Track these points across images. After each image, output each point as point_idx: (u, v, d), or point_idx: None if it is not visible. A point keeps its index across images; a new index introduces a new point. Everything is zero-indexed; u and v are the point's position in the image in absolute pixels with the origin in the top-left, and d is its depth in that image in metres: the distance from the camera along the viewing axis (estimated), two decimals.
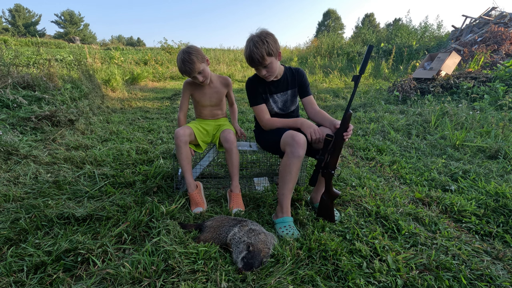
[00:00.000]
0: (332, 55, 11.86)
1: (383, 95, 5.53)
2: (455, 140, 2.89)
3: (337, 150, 1.47)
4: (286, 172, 1.48)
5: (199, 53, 1.71)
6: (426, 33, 11.79)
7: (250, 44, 1.50)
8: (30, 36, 25.14)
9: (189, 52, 1.69)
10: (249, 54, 1.51)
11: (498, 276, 1.20)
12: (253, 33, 1.54)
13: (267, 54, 1.50)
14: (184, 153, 1.70)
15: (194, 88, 1.89)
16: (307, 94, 1.76)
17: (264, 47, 1.48)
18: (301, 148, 1.43)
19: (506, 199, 1.77)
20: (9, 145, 2.35)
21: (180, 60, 1.69)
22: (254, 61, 1.52)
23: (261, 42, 1.48)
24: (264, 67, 1.56)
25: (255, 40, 1.49)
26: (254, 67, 1.59)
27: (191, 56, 1.67)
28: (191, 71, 1.70)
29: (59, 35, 51.71)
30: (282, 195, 1.53)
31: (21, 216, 1.48)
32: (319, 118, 1.66)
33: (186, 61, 1.67)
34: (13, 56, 5.31)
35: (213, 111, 1.97)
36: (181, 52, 1.71)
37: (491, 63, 5.93)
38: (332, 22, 42.17)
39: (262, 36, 1.50)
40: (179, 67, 1.72)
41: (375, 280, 1.17)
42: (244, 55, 1.58)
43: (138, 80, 7.90)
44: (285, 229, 1.45)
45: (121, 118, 3.91)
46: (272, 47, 1.51)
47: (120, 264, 1.18)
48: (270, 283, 1.10)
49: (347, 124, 1.43)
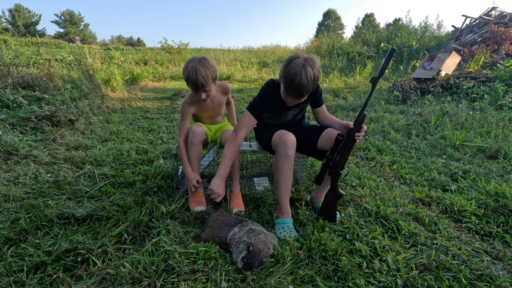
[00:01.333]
0: (332, 55, 11.87)
1: (383, 95, 5.53)
2: (455, 140, 2.89)
3: (347, 150, 1.46)
4: (278, 172, 1.49)
5: (214, 71, 1.56)
6: (426, 33, 11.80)
7: (309, 70, 1.29)
8: (30, 36, 25.15)
9: (206, 66, 1.51)
10: (303, 84, 1.30)
11: (498, 276, 1.20)
12: (301, 55, 1.33)
13: (314, 87, 1.38)
14: (198, 151, 1.67)
15: (194, 107, 1.75)
16: (320, 104, 1.65)
17: (313, 85, 1.35)
18: (290, 147, 1.43)
19: (506, 199, 1.77)
20: (9, 145, 2.35)
21: (193, 71, 1.48)
22: (302, 94, 1.36)
23: (316, 69, 1.32)
24: (297, 101, 1.46)
25: (310, 76, 1.30)
26: (293, 96, 1.40)
27: (207, 72, 1.50)
28: (199, 87, 1.53)
29: (59, 35, 51.72)
30: (279, 196, 1.53)
31: (21, 216, 1.48)
32: (328, 121, 1.64)
33: (200, 76, 1.48)
34: (13, 56, 5.32)
35: (213, 119, 1.92)
36: (196, 62, 1.50)
37: (491, 63, 5.93)
38: (332, 22, 42.16)
39: (316, 69, 1.32)
40: (189, 76, 1.50)
41: (375, 280, 1.17)
42: (293, 83, 1.32)
43: (138, 80, 7.90)
44: (283, 231, 1.46)
45: (121, 118, 3.91)
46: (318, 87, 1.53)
47: (120, 264, 1.18)
48: (270, 283, 1.10)
49: (360, 125, 1.43)
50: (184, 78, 1.56)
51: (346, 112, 4.65)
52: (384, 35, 12.93)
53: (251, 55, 14.44)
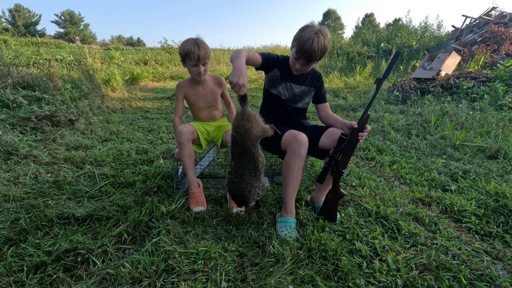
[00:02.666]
0: (332, 55, 11.86)
1: (383, 95, 5.53)
2: (455, 140, 2.89)
3: (350, 149, 1.47)
4: (288, 172, 1.48)
5: (210, 50, 1.74)
6: (426, 33, 11.78)
7: (321, 38, 1.42)
8: (30, 36, 25.14)
9: (204, 42, 1.69)
10: (314, 48, 1.42)
11: (498, 276, 1.20)
12: (316, 25, 1.46)
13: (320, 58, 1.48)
14: (187, 150, 1.68)
15: (187, 89, 1.86)
16: (323, 101, 1.74)
17: (325, 50, 1.46)
18: (303, 147, 1.43)
19: (506, 199, 1.77)
20: (9, 145, 2.35)
21: (193, 43, 1.64)
22: (311, 57, 1.46)
23: (325, 47, 1.45)
24: (306, 65, 1.52)
25: (321, 39, 1.42)
26: (302, 60, 1.50)
27: (205, 46, 1.68)
28: (200, 59, 1.66)
29: (59, 35, 51.73)
30: (286, 195, 1.52)
31: (21, 216, 1.48)
32: (331, 121, 1.66)
33: (202, 47, 1.65)
34: (13, 56, 5.31)
35: (210, 112, 1.94)
36: (192, 39, 1.68)
37: (491, 63, 5.92)
38: (332, 22, 42.15)
39: (327, 40, 1.45)
40: (189, 49, 1.64)
41: (375, 280, 1.17)
42: (305, 46, 1.43)
43: (138, 80, 7.90)
44: (285, 229, 1.45)
45: (121, 118, 3.91)
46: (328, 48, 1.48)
47: (120, 264, 1.19)
48: (270, 283, 1.10)
49: (364, 125, 1.44)
50: (183, 53, 1.68)
51: (346, 112, 4.65)
52: (384, 35, 12.92)
53: None
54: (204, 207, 1.68)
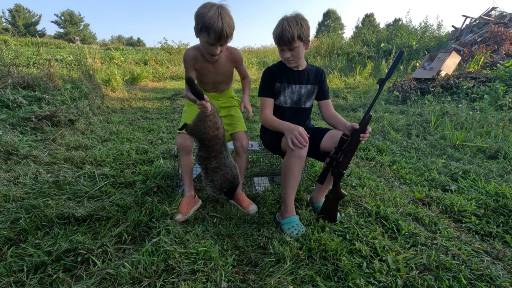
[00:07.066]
0: (332, 55, 11.85)
1: (383, 95, 5.53)
2: (455, 140, 2.89)
3: (351, 150, 1.46)
4: (288, 173, 1.48)
5: (233, 21, 1.46)
6: (426, 33, 11.78)
7: (284, 22, 1.45)
8: (30, 36, 25.15)
9: (230, 16, 1.40)
10: (281, 31, 1.45)
11: (498, 276, 1.20)
12: (287, 14, 1.50)
13: (297, 36, 1.46)
14: (183, 161, 1.66)
15: (195, 63, 1.61)
16: (326, 97, 1.73)
17: (297, 28, 1.44)
18: (303, 148, 1.44)
19: (506, 199, 1.77)
20: (9, 145, 2.35)
21: (218, 18, 1.33)
22: (283, 39, 1.46)
23: (296, 23, 1.44)
24: (290, 50, 1.51)
25: (290, 20, 1.45)
26: (281, 46, 1.52)
27: (231, 22, 1.40)
28: (222, 38, 1.39)
29: (59, 35, 51.75)
30: (286, 195, 1.52)
31: (21, 216, 1.48)
32: (333, 121, 1.66)
33: (226, 25, 1.36)
34: (13, 56, 5.31)
35: (216, 86, 1.78)
36: (219, 8, 1.36)
37: (491, 63, 5.92)
38: (332, 22, 42.15)
39: (298, 18, 1.46)
40: (212, 24, 1.32)
41: (375, 280, 1.17)
42: (273, 33, 1.51)
43: (138, 80, 7.90)
44: (293, 229, 1.46)
45: (121, 118, 3.91)
46: (305, 31, 1.47)
47: (120, 264, 1.19)
48: (270, 283, 1.10)
49: (366, 126, 1.44)
50: (202, 25, 1.34)
51: (346, 112, 4.65)
52: (384, 35, 12.92)
53: (251, 55, 14.45)
54: (182, 219, 1.56)
